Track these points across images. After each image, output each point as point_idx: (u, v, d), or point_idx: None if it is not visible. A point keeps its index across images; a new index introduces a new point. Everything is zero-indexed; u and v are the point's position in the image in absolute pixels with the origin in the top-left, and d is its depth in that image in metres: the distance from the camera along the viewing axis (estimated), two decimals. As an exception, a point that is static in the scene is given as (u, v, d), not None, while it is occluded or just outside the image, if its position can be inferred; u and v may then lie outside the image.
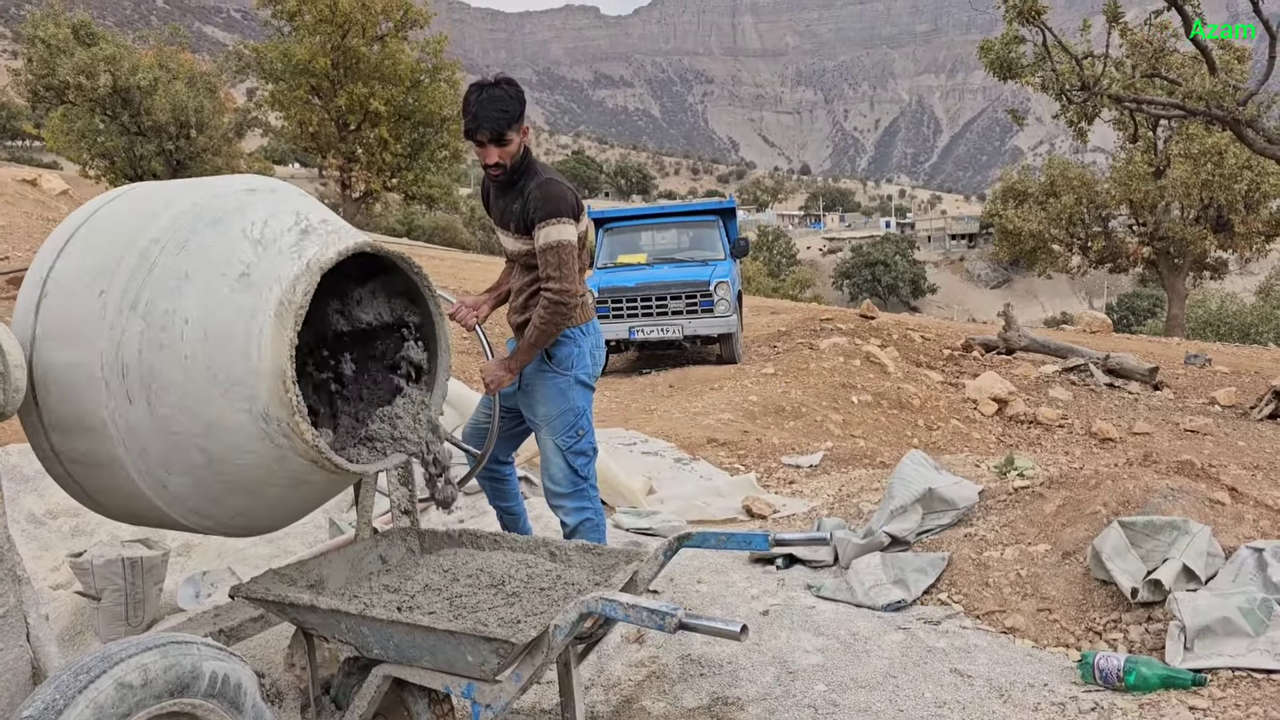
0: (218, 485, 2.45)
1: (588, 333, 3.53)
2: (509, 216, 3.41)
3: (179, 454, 2.37)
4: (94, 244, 2.48)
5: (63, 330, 2.38)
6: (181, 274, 2.34)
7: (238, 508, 2.55)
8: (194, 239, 2.39)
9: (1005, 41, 13.15)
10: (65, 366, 2.36)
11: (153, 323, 2.31)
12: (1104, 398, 10.63)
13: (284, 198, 2.64)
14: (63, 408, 2.38)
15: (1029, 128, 40.55)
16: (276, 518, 2.71)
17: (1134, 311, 51.28)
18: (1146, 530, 3.43)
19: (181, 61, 31.59)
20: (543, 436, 3.50)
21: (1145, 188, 25.28)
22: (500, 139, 3.26)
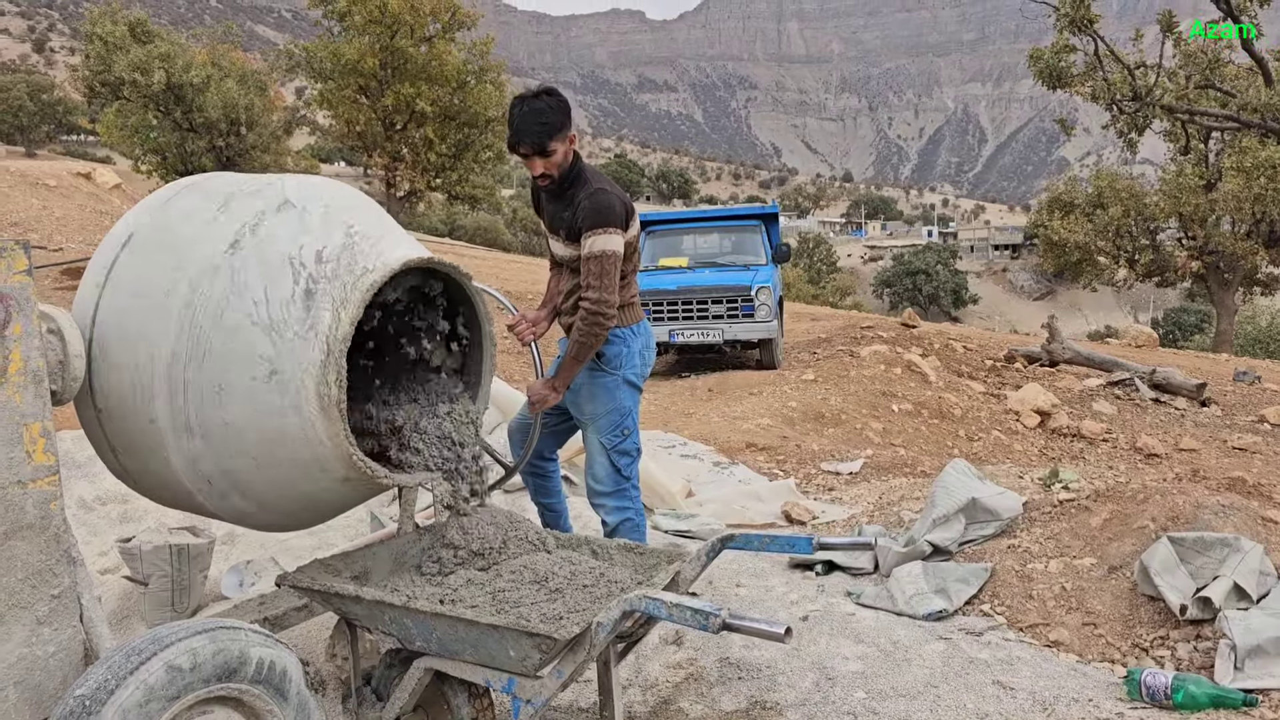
0: (269, 496, 2.52)
1: (638, 333, 3.54)
2: (559, 223, 3.43)
3: (234, 477, 2.49)
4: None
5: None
6: (215, 388, 2.37)
7: (285, 511, 2.61)
8: (212, 344, 2.37)
9: (1056, 50, 13.03)
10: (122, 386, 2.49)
11: (211, 435, 2.41)
12: (1149, 413, 10.45)
13: (269, 239, 2.47)
14: (118, 407, 2.47)
15: (1076, 138, 40.00)
16: (322, 518, 2.79)
17: (1180, 326, 50.40)
18: (1196, 546, 3.36)
19: (233, 60, 32.13)
20: (588, 435, 3.52)
21: (1195, 200, 24.83)
22: (543, 150, 3.26)
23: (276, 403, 2.35)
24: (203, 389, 2.35)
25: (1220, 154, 24.48)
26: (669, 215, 13.97)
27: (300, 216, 2.51)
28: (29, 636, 2.04)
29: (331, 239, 2.48)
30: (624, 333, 3.47)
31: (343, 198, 2.71)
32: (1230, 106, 12.09)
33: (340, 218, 2.58)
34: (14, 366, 2.04)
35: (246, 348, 2.35)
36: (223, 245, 2.41)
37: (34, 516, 2.07)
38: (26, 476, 2.06)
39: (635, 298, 3.59)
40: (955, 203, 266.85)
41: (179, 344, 2.35)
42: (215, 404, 2.36)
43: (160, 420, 2.39)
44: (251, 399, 2.35)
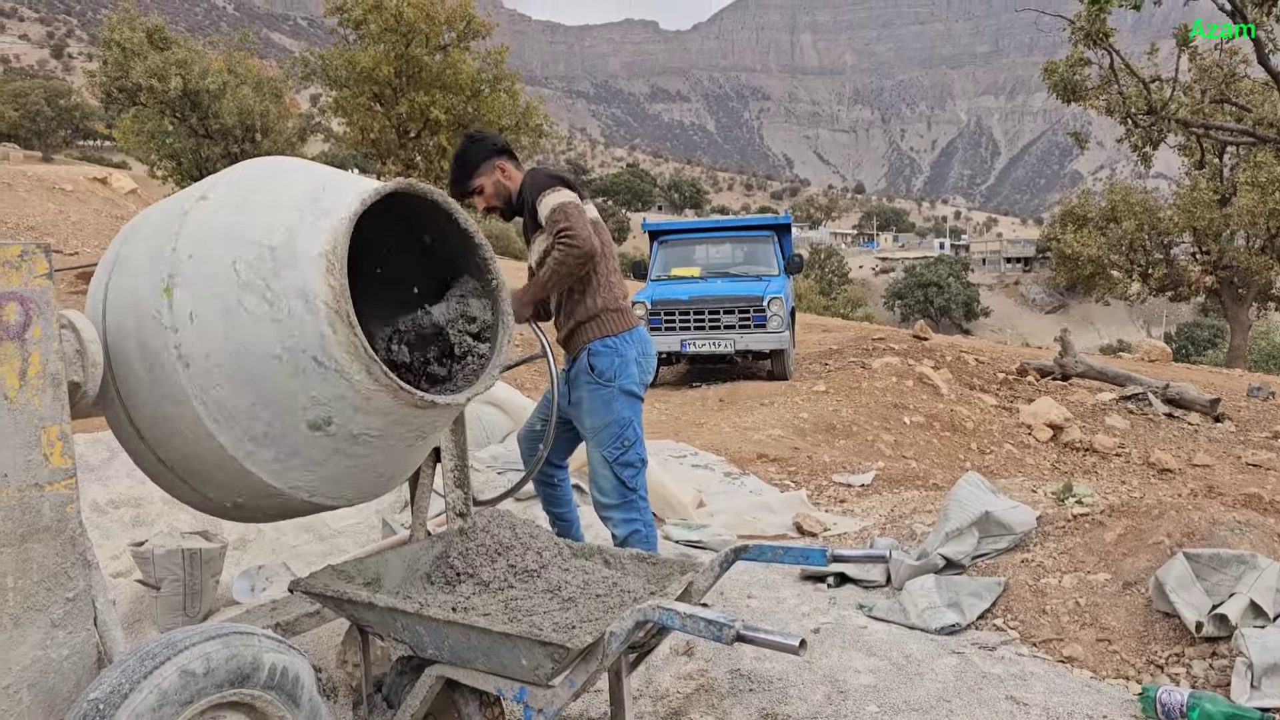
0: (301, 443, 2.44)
1: (632, 342, 3.52)
2: (530, 230, 3.54)
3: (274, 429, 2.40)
4: None
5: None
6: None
7: (329, 471, 2.53)
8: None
9: (1071, 64, 13.01)
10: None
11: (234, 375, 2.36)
12: (1163, 428, 10.40)
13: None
14: (139, 383, 2.40)
15: (1090, 152, 39.81)
16: (355, 481, 2.65)
17: (1194, 341, 50.16)
18: (1212, 563, 3.34)
19: (249, 67, 32.32)
20: (590, 448, 3.52)
21: (1210, 215, 24.75)
22: (464, 193, 3.56)
23: (329, 389, 2.33)
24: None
25: (1235, 169, 24.42)
26: (682, 225, 14.00)
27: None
28: (43, 639, 2.05)
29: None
30: (615, 342, 3.47)
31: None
32: (1246, 121, 12.04)
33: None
34: (33, 369, 2.05)
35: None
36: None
37: (50, 519, 2.07)
38: (44, 479, 2.06)
39: (626, 301, 3.60)
40: (967, 215, 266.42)
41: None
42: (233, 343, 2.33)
43: (229, 448, 2.38)
44: (299, 395, 2.33)
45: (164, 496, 4.88)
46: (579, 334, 3.51)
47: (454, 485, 3.30)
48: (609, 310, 3.50)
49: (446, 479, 3.28)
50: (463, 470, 3.30)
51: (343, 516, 4.84)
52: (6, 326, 2.01)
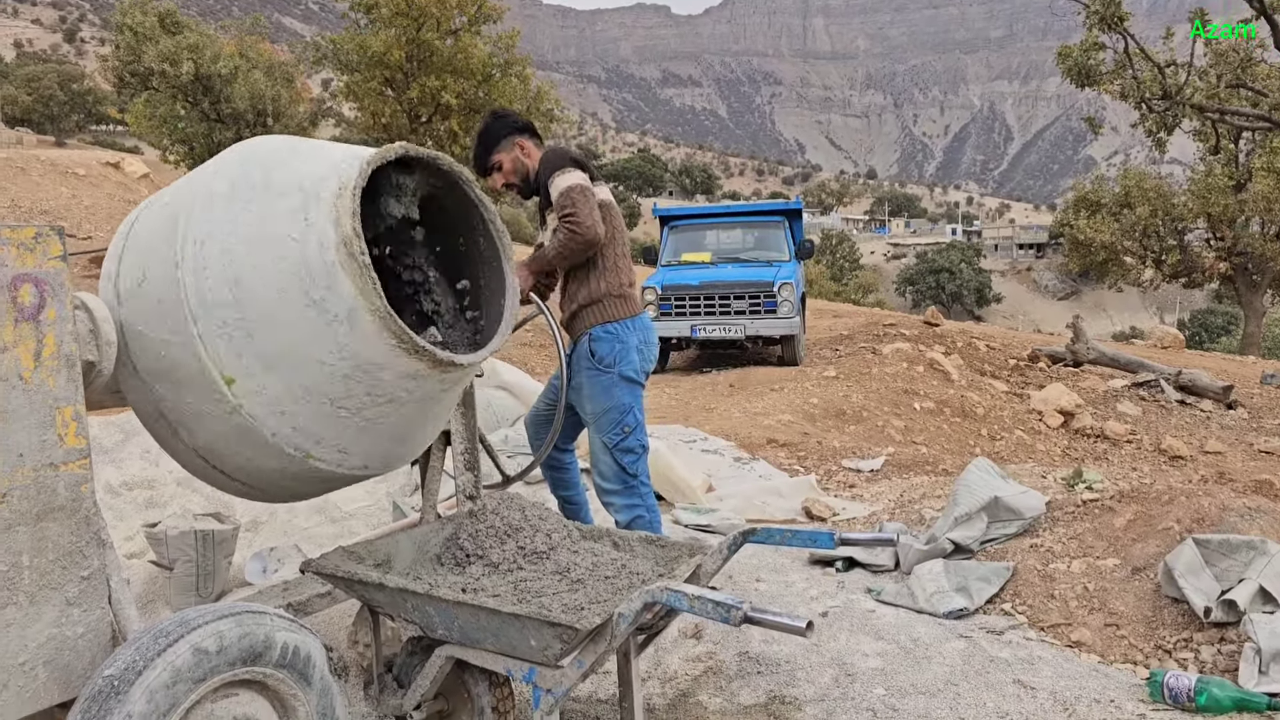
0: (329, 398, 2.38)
1: (633, 329, 3.53)
2: (544, 208, 3.56)
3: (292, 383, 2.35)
4: None
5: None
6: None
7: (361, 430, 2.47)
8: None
9: (1085, 48, 12.91)
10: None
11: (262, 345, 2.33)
12: (1175, 415, 10.36)
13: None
14: (153, 349, 2.38)
15: (1103, 137, 39.51)
16: (375, 440, 2.56)
17: (1207, 328, 49.88)
18: (1222, 549, 3.34)
19: (261, 51, 32.32)
20: (591, 434, 3.55)
21: (1225, 201, 24.56)
22: (485, 169, 3.64)
23: (341, 340, 2.28)
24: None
25: (1250, 154, 24.21)
26: (693, 210, 13.98)
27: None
28: (59, 617, 2.07)
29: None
30: (616, 328, 3.49)
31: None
32: (1262, 106, 11.93)
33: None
34: (48, 350, 2.07)
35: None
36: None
37: (65, 499, 2.09)
38: (59, 459, 2.08)
39: (632, 288, 3.61)
40: (980, 201, 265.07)
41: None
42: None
43: (251, 415, 2.34)
44: (317, 349, 2.29)
45: (177, 479, 4.93)
46: (581, 318, 3.52)
47: (464, 468, 3.31)
48: (612, 295, 3.50)
49: (457, 462, 3.30)
50: (473, 453, 3.31)
51: (354, 499, 4.87)
52: (21, 308, 2.03)
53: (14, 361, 2.02)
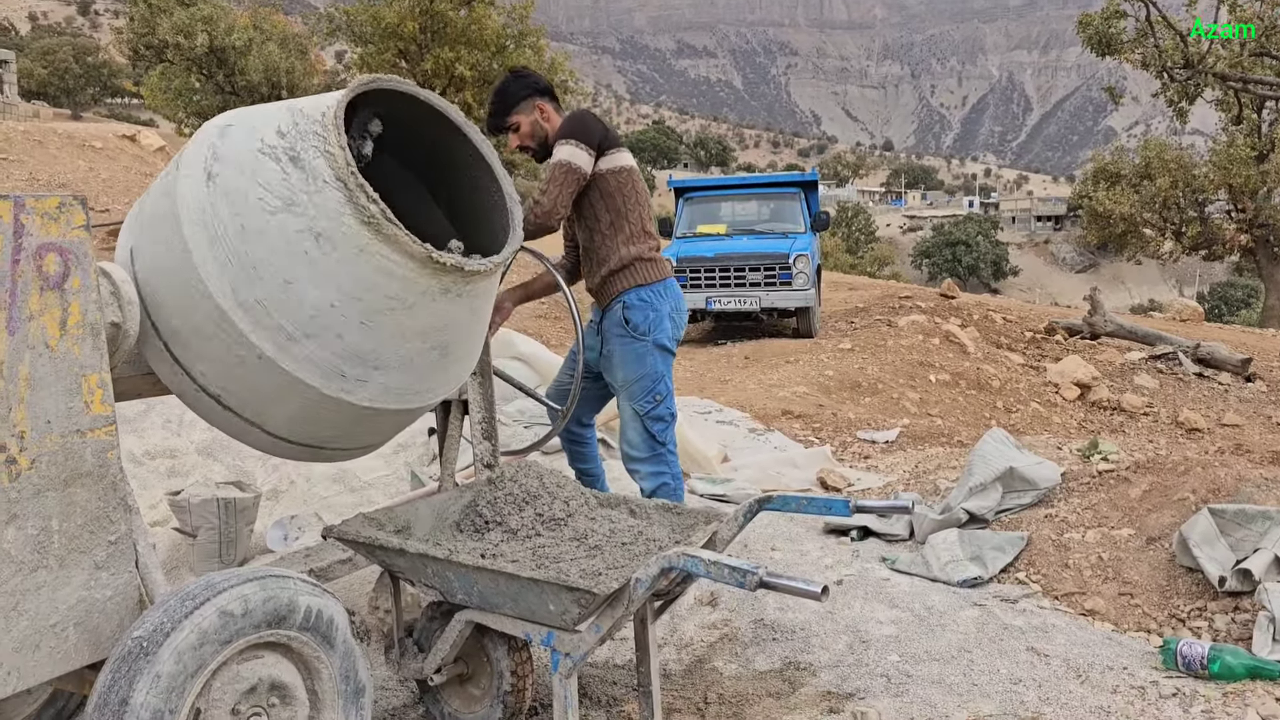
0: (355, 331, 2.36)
1: (665, 295, 3.50)
2: None
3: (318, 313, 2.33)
4: None
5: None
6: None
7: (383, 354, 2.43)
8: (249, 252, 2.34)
9: (1106, 16, 12.76)
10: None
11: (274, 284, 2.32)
12: (1192, 387, 10.31)
13: (231, 154, 2.42)
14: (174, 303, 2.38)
15: (1124, 107, 39.03)
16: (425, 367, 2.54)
17: (1227, 301, 49.50)
18: (1237, 519, 3.34)
19: (275, 23, 32.25)
20: (621, 401, 3.52)
21: (1247, 172, 24.25)
22: (501, 126, 3.52)
23: (338, 258, 2.28)
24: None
25: (1274, 124, 23.87)
26: (707, 182, 13.93)
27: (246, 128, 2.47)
28: (88, 580, 2.11)
29: (280, 117, 2.44)
30: (649, 294, 3.45)
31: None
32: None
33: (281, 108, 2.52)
34: (73, 319, 2.10)
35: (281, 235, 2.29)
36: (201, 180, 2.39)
37: (92, 464, 2.13)
38: (85, 425, 2.12)
39: (657, 251, 3.57)
40: (998, 173, 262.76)
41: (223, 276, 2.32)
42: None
43: (264, 348, 2.32)
44: (317, 271, 2.29)
45: (198, 448, 4.99)
46: (612, 283, 3.48)
47: (482, 437, 3.34)
48: (643, 260, 3.47)
49: (475, 431, 3.33)
50: (490, 423, 3.34)
51: (372, 469, 4.92)
52: (47, 277, 2.06)
53: (40, 330, 2.05)
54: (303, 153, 2.32)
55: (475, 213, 2.92)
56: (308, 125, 2.35)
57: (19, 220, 2.03)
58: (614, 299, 3.47)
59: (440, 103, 2.66)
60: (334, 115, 2.32)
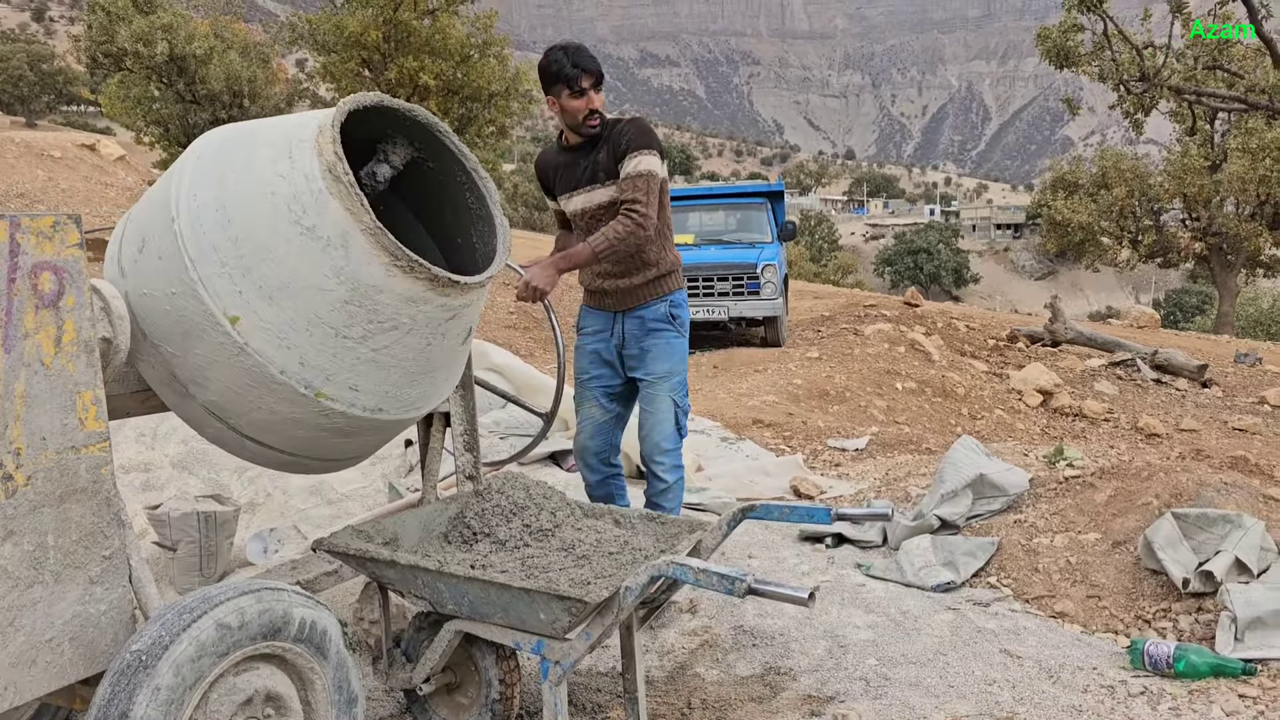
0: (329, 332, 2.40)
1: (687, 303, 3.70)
2: (594, 169, 3.46)
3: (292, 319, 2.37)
4: None
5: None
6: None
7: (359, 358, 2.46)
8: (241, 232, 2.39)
9: (1064, 29, 13.01)
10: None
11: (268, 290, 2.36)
12: (1151, 393, 10.54)
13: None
14: (159, 307, 2.42)
15: (1081, 117, 39.75)
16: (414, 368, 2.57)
17: (1182, 308, 50.45)
18: (1199, 523, 3.46)
19: (236, 31, 31.99)
20: (658, 393, 3.55)
21: (1200, 182, 24.84)
22: (600, 80, 3.41)
23: (338, 265, 2.32)
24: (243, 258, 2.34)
25: (1226, 135, 24.48)
26: (675, 192, 14.00)
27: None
28: (83, 595, 2.13)
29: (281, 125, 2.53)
30: (683, 298, 3.62)
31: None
32: (1237, 88, 12.09)
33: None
34: (68, 336, 2.12)
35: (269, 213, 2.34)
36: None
37: (86, 480, 2.15)
38: (80, 442, 2.14)
39: (678, 263, 3.69)
40: (958, 181, 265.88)
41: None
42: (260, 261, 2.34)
43: (206, 292, 2.34)
44: (316, 278, 2.33)
45: (173, 461, 4.97)
46: (660, 284, 3.58)
47: (464, 449, 3.38)
48: (679, 267, 3.66)
49: (457, 443, 3.36)
50: (473, 435, 3.38)
51: (349, 481, 4.93)
52: (42, 295, 2.08)
53: (36, 348, 2.06)
54: (295, 149, 2.38)
55: (454, 233, 2.97)
56: (307, 132, 2.41)
57: (14, 239, 2.05)
58: (659, 298, 3.57)
59: (437, 123, 2.71)
60: (332, 124, 2.36)
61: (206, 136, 2.62)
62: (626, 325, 3.58)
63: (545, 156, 3.74)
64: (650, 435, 3.54)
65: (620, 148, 3.38)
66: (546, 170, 3.69)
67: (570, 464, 5.27)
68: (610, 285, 3.57)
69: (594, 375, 3.64)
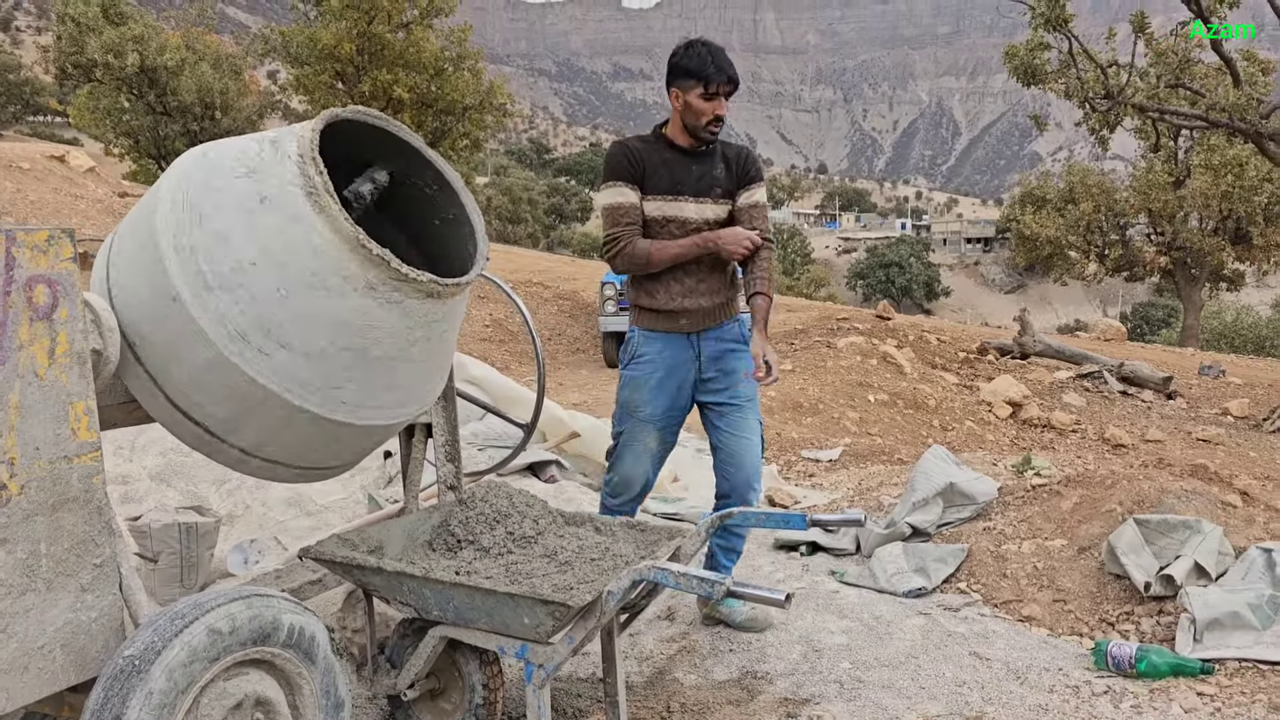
0: (304, 336, 2.39)
1: None
2: (712, 183, 3.35)
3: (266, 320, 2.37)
4: None
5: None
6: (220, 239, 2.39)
7: (332, 362, 2.43)
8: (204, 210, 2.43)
9: (1030, 48, 13.23)
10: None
11: (229, 282, 2.37)
12: (1117, 405, 10.74)
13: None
14: (130, 286, 2.47)
15: (1049, 133, 40.43)
16: (375, 376, 2.53)
17: (1148, 321, 51.20)
18: (1160, 528, 3.57)
19: (208, 43, 31.87)
20: (747, 417, 3.39)
21: (1165, 197, 25.31)
22: (734, 90, 3.30)
23: (273, 221, 2.35)
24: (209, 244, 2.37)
25: (1189, 151, 24.96)
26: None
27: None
28: (74, 602, 2.17)
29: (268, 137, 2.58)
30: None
31: None
32: (1199, 106, 12.33)
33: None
34: (61, 348, 2.16)
35: (236, 197, 2.38)
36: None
37: (78, 490, 2.19)
38: (72, 452, 2.18)
39: None
40: (928, 196, 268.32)
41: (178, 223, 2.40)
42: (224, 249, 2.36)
43: (180, 290, 2.35)
44: (251, 228, 2.36)
45: (151, 473, 4.98)
46: (736, 304, 3.49)
47: (445, 459, 3.43)
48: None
49: (438, 453, 3.41)
50: (454, 445, 3.43)
51: (328, 493, 4.96)
52: (36, 308, 2.12)
53: (30, 359, 2.11)
54: (281, 138, 2.46)
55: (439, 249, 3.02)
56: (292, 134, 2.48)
57: (10, 253, 2.09)
58: (732, 319, 3.46)
59: (412, 137, 2.77)
60: (313, 130, 2.42)
61: (192, 150, 2.68)
62: (704, 347, 3.38)
63: (640, 148, 3.36)
64: (743, 464, 3.34)
65: (748, 174, 3.37)
66: (638, 162, 3.33)
67: (549, 475, 5.33)
68: (694, 304, 3.35)
69: (659, 405, 3.37)
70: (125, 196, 20.41)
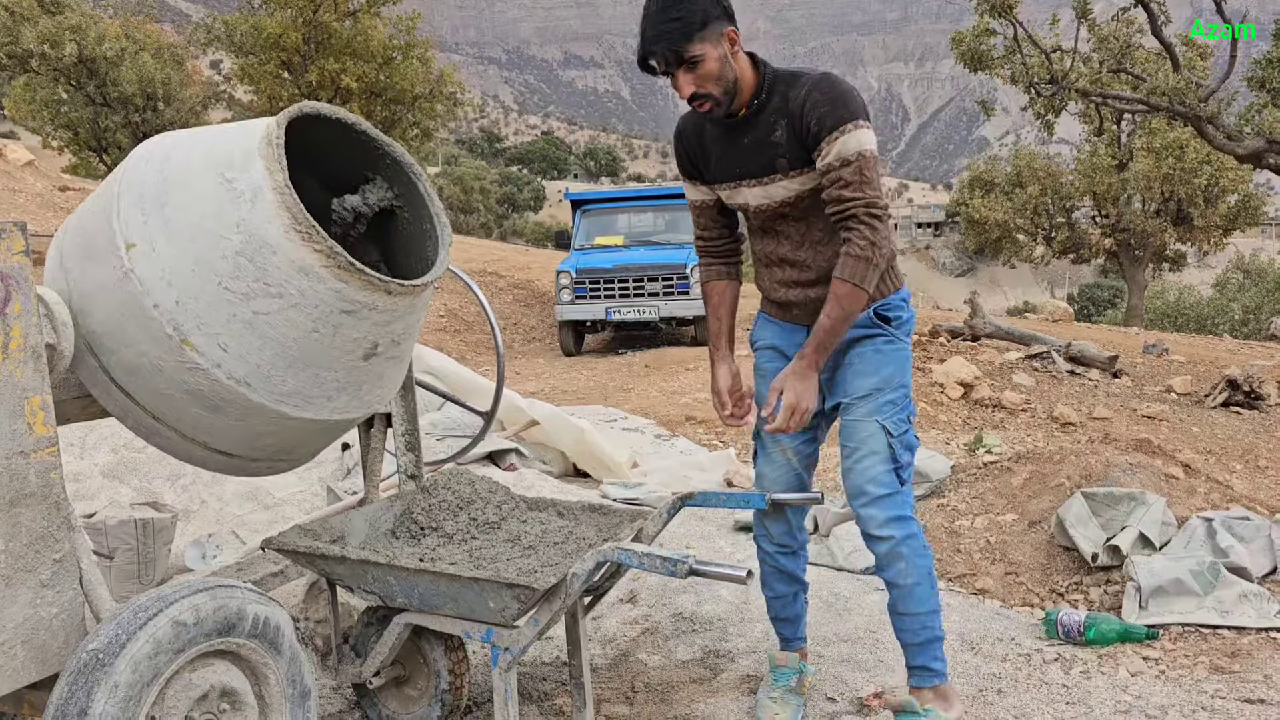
0: (264, 330, 2.39)
1: (909, 302, 2.75)
2: (770, 154, 2.51)
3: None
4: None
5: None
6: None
7: (290, 352, 2.43)
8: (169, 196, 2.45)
9: (976, 34, 13.42)
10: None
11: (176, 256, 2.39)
12: (1065, 384, 10.95)
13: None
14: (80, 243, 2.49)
15: (996, 118, 41.06)
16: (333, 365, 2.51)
17: (1094, 301, 52.15)
18: (1107, 501, 3.68)
19: (148, 32, 31.21)
20: (859, 419, 2.57)
21: (1108, 180, 25.81)
22: (681, 58, 2.38)
23: (232, 215, 2.35)
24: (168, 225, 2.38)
25: (1131, 135, 25.46)
26: (604, 194, 14.13)
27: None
28: (34, 598, 2.15)
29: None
30: (907, 294, 2.72)
31: None
32: (1141, 90, 12.61)
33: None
34: (15, 343, 2.14)
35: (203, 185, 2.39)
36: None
37: (36, 485, 2.17)
38: (29, 447, 2.16)
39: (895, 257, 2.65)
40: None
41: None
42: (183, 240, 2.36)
43: (135, 283, 2.35)
44: (209, 220, 2.36)
45: (103, 470, 4.91)
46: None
47: (405, 449, 3.43)
48: (891, 261, 2.66)
49: (398, 443, 3.41)
50: (414, 435, 3.43)
51: (286, 485, 4.93)
52: (-12, 302, 2.10)
53: (-17, 354, 2.09)
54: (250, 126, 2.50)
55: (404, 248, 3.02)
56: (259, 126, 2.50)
57: (-40, 247, 2.07)
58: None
59: (368, 127, 2.76)
60: (276, 128, 2.42)
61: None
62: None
63: (690, 132, 2.70)
64: (851, 476, 2.57)
65: (809, 124, 2.40)
66: (693, 151, 2.70)
67: (509, 463, 5.34)
68: (799, 296, 2.67)
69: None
70: (66, 190, 19.97)
